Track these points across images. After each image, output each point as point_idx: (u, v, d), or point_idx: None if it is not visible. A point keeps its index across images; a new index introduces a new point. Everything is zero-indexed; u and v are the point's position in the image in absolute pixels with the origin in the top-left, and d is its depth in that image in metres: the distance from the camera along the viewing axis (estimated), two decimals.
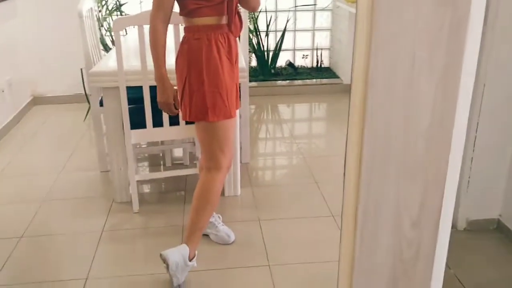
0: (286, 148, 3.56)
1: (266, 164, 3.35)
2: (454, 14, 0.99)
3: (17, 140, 3.64)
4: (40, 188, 2.89)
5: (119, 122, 2.57)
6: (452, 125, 1.12)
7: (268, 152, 3.57)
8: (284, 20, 4.90)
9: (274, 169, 3.26)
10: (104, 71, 2.48)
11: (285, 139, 3.73)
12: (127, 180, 2.67)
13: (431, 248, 1.13)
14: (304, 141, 3.66)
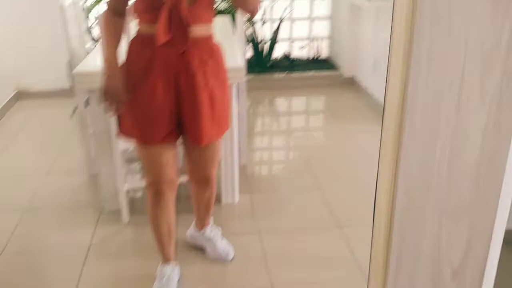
0: (284, 147, 3.38)
1: (265, 166, 3.16)
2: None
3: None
4: (22, 195, 2.69)
5: (106, 125, 2.37)
6: (505, 161, 0.93)
7: (266, 151, 3.38)
8: (281, 8, 4.68)
9: (273, 171, 3.07)
10: (90, 71, 2.26)
11: (283, 136, 3.55)
12: (116, 187, 2.47)
13: None
14: (303, 139, 3.48)
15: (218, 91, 1.70)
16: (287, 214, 2.53)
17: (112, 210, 2.51)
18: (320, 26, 4.92)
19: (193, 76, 1.64)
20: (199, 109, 1.66)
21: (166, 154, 1.75)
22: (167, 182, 1.80)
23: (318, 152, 3.26)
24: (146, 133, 1.70)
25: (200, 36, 1.63)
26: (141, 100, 1.66)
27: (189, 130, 1.72)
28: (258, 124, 3.81)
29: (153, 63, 1.62)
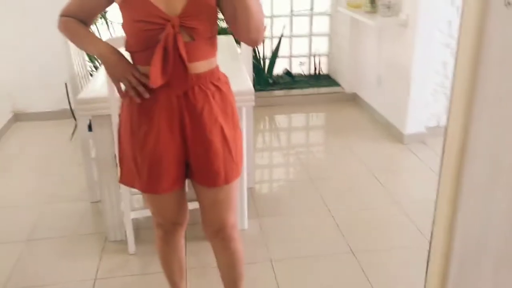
0: (287, 165, 3.31)
1: (270, 187, 3.09)
2: None
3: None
4: (22, 224, 2.59)
5: (111, 151, 2.29)
6: None
7: (269, 169, 3.31)
8: (280, 25, 4.64)
9: (279, 193, 2.99)
10: (93, 98, 2.19)
11: (285, 153, 3.48)
12: (121, 215, 2.39)
13: None
14: (307, 157, 3.41)
15: (228, 127, 1.51)
16: (298, 239, 2.45)
17: (117, 240, 2.42)
18: (320, 43, 4.89)
19: (199, 115, 1.45)
20: (210, 148, 1.48)
21: (173, 199, 1.60)
22: (177, 222, 1.69)
23: (323, 171, 3.19)
24: (151, 184, 1.51)
25: (202, 71, 1.45)
26: (143, 149, 1.48)
27: (200, 173, 1.52)
28: (259, 141, 3.74)
29: (153, 108, 1.45)
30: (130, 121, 1.50)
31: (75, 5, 1.50)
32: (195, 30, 1.39)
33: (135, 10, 1.37)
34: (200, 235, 2.31)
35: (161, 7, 1.35)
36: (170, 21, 1.35)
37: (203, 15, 1.39)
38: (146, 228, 2.52)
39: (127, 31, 1.45)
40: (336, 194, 2.86)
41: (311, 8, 4.69)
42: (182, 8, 1.36)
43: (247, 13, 1.33)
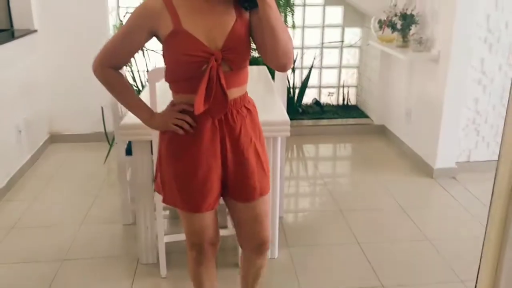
0: (318, 196, 3.33)
1: (301, 217, 3.11)
2: None
3: (33, 185, 3.43)
4: (57, 244, 2.66)
5: (148, 175, 2.36)
6: None
7: (300, 200, 3.34)
8: (311, 56, 4.73)
9: (309, 223, 3.00)
10: (135, 124, 2.26)
11: (315, 183, 3.50)
12: (153, 239, 2.44)
13: None
14: (337, 188, 3.42)
15: (259, 144, 1.66)
16: (328, 270, 2.46)
17: (149, 263, 2.47)
18: (349, 74, 4.95)
19: (238, 136, 1.59)
20: (248, 166, 1.62)
21: (209, 218, 1.69)
22: (211, 242, 1.75)
23: (351, 202, 3.19)
24: (195, 203, 1.62)
25: (237, 96, 1.58)
26: (188, 171, 1.58)
27: (238, 190, 1.64)
28: (287, 170, 3.77)
29: (197, 133, 1.56)
30: (174, 145, 1.60)
31: (116, 48, 1.57)
32: (233, 62, 1.51)
33: (183, 45, 1.47)
34: (228, 261, 2.36)
35: (205, 42, 1.47)
36: (214, 55, 1.46)
37: (239, 48, 1.51)
38: (177, 252, 2.56)
39: (171, 63, 1.54)
40: (365, 227, 2.86)
41: (341, 40, 4.77)
42: (222, 43, 1.48)
43: (274, 40, 1.45)
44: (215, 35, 1.48)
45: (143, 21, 1.50)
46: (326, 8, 4.66)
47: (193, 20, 1.46)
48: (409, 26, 3.65)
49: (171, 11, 1.46)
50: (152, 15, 1.48)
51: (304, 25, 4.68)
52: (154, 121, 1.64)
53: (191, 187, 1.59)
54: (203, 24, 1.47)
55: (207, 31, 1.47)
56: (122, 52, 1.57)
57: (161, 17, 1.47)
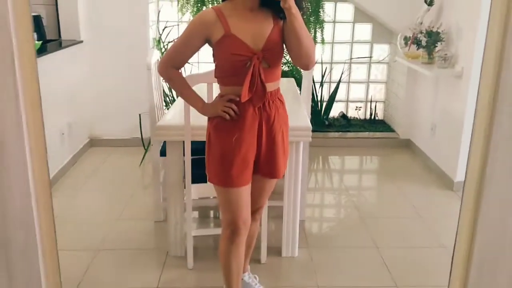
0: (340, 203, 3.45)
1: (322, 221, 3.24)
2: None
3: (73, 183, 3.69)
4: (95, 236, 2.88)
5: (179, 175, 2.56)
6: None
7: (322, 206, 3.47)
8: (339, 71, 4.89)
9: (330, 228, 3.14)
10: (170, 125, 2.49)
11: (339, 193, 3.63)
12: (182, 234, 2.63)
13: None
14: (358, 198, 3.54)
15: (285, 133, 2.00)
16: (345, 270, 2.59)
17: (177, 256, 2.65)
18: (377, 89, 5.08)
19: (272, 123, 1.93)
20: (277, 149, 1.96)
21: (245, 194, 1.97)
22: (244, 221, 1.98)
23: (373, 211, 3.31)
24: (238, 178, 1.91)
25: (273, 90, 1.93)
26: (234, 150, 1.89)
27: (266, 167, 1.98)
28: (311, 180, 3.91)
29: (241, 119, 1.88)
30: (221, 128, 1.92)
31: (178, 52, 1.93)
32: (270, 60, 1.86)
33: (231, 47, 1.82)
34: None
35: (249, 44, 1.82)
36: (256, 54, 1.81)
37: (276, 49, 1.87)
38: (204, 247, 2.74)
39: (221, 61, 1.88)
40: (384, 233, 2.98)
41: (370, 56, 4.92)
42: (263, 45, 1.83)
43: (298, 43, 1.81)
44: (257, 38, 1.83)
45: (200, 29, 1.85)
46: (356, 25, 4.82)
47: (240, 27, 1.82)
48: (434, 43, 3.77)
49: (223, 20, 1.82)
50: (207, 25, 1.83)
51: (334, 41, 4.85)
52: (206, 109, 1.97)
53: (233, 163, 1.89)
54: (248, 30, 1.82)
55: (250, 35, 1.82)
56: (182, 55, 1.93)
57: (215, 26, 1.82)
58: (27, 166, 0.92)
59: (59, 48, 3.91)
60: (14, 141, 0.91)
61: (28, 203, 0.94)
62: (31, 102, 0.93)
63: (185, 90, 1.99)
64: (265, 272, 2.52)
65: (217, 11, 1.83)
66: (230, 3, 1.86)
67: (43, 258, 1.02)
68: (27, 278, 1.08)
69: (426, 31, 3.83)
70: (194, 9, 4.34)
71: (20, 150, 0.95)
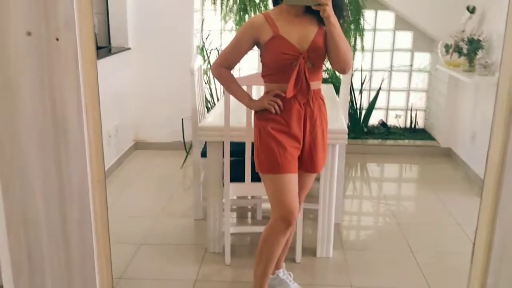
0: (377, 210, 3.47)
1: (358, 226, 3.28)
2: None
3: (119, 183, 3.87)
4: (138, 231, 3.03)
5: (218, 174, 2.67)
6: None
7: (358, 212, 3.50)
8: (379, 79, 4.91)
9: (365, 232, 3.18)
10: (211, 127, 2.61)
11: (375, 199, 3.65)
12: (221, 231, 2.73)
13: None
14: (395, 204, 3.55)
15: (325, 129, 2.15)
16: (379, 273, 2.61)
17: (215, 252, 2.76)
18: (417, 97, 5.06)
19: (315, 118, 2.08)
20: (317, 144, 2.11)
21: (295, 182, 2.08)
22: (295, 211, 2.07)
23: (410, 218, 3.32)
24: (285, 167, 2.04)
25: (315, 88, 2.08)
26: (281, 142, 2.04)
27: (307, 161, 2.11)
28: (349, 187, 3.94)
29: (288, 114, 2.04)
30: (272, 122, 2.05)
31: (230, 53, 2.12)
32: (314, 60, 2.01)
33: (280, 47, 1.98)
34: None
35: (296, 45, 1.98)
36: (302, 54, 1.96)
37: (319, 51, 2.01)
38: (240, 245, 2.83)
39: (268, 60, 2.04)
40: (421, 239, 2.98)
41: (410, 64, 4.91)
42: (308, 46, 1.98)
43: (336, 49, 1.98)
44: (302, 40, 1.98)
45: (250, 32, 2.03)
46: (396, 33, 4.84)
47: (287, 30, 1.98)
48: (475, 51, 3.75)
49: (271, 23, 2.00)
50: (257, 28, 2.01)
51: (374, 48, 4.88)
52: (253, 103, 2.13)
53: (286, 150, 2.03)
54: (294, 32, 1.98)
55: (297, 37, 1.98)
56: (233, 56, 2.12)
57: (263, 29, 2.00)
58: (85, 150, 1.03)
59: (108, 54, 4.12)
60: (76, 128, 1.03)
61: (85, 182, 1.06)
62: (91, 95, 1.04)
63: (233, 85, 2.17)
64: (299, 270, 2.58)
65: (266, 16, 2.02)
66: (277, 9, 2.04)
67: (95, 231, 1.13)
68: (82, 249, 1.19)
69: (467, 39, 3.82)
70: (237, 17, 4.48)
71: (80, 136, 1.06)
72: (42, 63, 0.98)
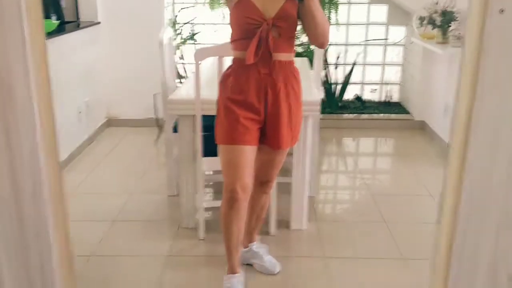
0: (351, 183, 3.48)
1: (332, 199, 3.28)
2: None
3: (90, 160, 3.79)
4: (110, 208, 2.98)
5: (191, 149, 2.62)
6: None
7: (333, 186, 3.51)
8: (354, 53, 4.88)
9: (340, 204, 3.19)
10: (181, 99, 2.55)
11: (351, 173, 3.66)
12: (194, 206, 2.70)
13: None
14: (370, 177, 3.57)
15: (295, 105, 2.04)
16: (352, 243, 2.63)
17: (189, 227, 2.73)
18: (392, 71, 5.06)
19: (278, 91, 1.98)
20: (280, 118, 2.00)
21: (247, 156, 2.00)
22: (243, 186, 2.01)
23: (384, 190, 3.34)
24: (239, 137, 1.98)
25: (282, 60, 1.98)
26: (236, 111, 1.97)
27: (270, 137, 2.04)
28: (325, 162, 3.94)
29: (247, 82, 1.97)
30: (228, 92, 2.00)
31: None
32: (281, 29, 1.93)
33: (245, 10, 1.91)
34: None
35: (261, 10, 1.90)
36: (266, 21, 1.90)
37: (288, 21, 1.93)
38: (215, 220, 2.81)
39: (233, 23, 1.97)
40: (394, 210, 3.00)
41: (385, 38, 4.90)
42: (275, 13, 1.91)
43: (314, 23, 1.91)
44: (269, 7, 1.90)
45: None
46: (371, 6, 4.80)
47: None
48: (448, 23, 3.75)
49: None
50: None
51: (349, 22, 4.84)
52: None
53: (236, 122, 1.96)
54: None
55: (264, 3, 1.90)
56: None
57: None
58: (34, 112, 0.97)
59: (76, 29, 4.00)
60: (22, 91, 0.97)
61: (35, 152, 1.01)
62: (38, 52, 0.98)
63: None
64: (274, 243, 2.58)
65: None
66: None
67: (52, 204, 1.08)
68: (36, 228, 1.14)
69: (441, 11, 3.81)
70: None
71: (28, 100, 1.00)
72: None
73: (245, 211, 2.08)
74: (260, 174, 2.17)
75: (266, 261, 2.35)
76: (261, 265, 2.35)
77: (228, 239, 2.11)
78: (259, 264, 2.35)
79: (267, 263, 2.35)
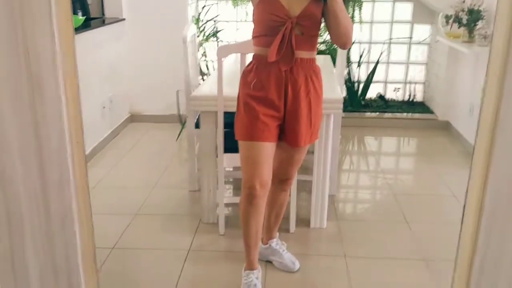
0: (373, 182, 3.45)
1: (353, 198, 3.26)
2: None
3: (113, 154, 3.85)
4: (133, 202, 3.02)
5: (213, 145, 2.64)
6: None
7: (354, 185, 3.48)
8: (378, 52, 4.84)
9: (361, 204, 3.17)
10: (204, 96, 2.56)
11: (372, 172, 3.63)
12: (215, 201, 2.72)
13: None
14: (392, 177, 3.53)
15: (315, 103, 2.03)
16: (373, 242, 2.61)
17: (209, 222, 2.75)
18: (416, 70, 5.00)
19: (299, 88, 1.97)
20: (299, 116, 2.00)
21: (266, 152, 1.99)
22: (261, 183, 2.01)
23: (406, 190, 3.30)
24: (258, 134, 1.98)
25: (304, 57, 1.97)
26: (257, 108, 1.97)
27: (289, 134, 2.03)
28: (346, 160, 3.92)
29: (268, 79, 1.96)
30: (249, 88, 1.99)
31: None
32: (304, 28, 1.92)
33: (270, 7, 1.90)
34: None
35: (286, 8, 1.89)
36: (290, 19, 1.88)
37: (311, 20, 1.93)
38: (235, 216, 2.82)
39: (257, 19, 1.96)
40: (416, 210, 2.97)
41: (410, 36, 4.84)
42: (299, 12, 1.90)
43: (337, 24, 1.90)
44: (294, 5, 1.89)
45: None
46: (396, 4, 4.75)
47: None
48: (475, 22, 3.69)
49: None
50: None
51: (373, 20, 4.80)
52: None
53: (256, 119, 1.96)
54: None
55: (289, 2, 1.89)
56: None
57: None
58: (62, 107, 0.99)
59: (102, 25, 4.05)
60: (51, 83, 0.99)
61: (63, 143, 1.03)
62: None
63: None
64: (293, 240, 2.58)
65: None
66: None
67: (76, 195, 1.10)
68: (62, 219, 1.17)
69: (467, 9, 3.75)
70: None
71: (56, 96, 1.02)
72: (15, 16, 0.94)
73: (263, 207, 2.08)
74: (279, 171, 2.16)
75: (285, 259, 2.35)
76: (280, 262, 2.35)
77: (246, 235, 2.12)
78: (278, 261, 2.35)
79: (287, 260, 2.35)
